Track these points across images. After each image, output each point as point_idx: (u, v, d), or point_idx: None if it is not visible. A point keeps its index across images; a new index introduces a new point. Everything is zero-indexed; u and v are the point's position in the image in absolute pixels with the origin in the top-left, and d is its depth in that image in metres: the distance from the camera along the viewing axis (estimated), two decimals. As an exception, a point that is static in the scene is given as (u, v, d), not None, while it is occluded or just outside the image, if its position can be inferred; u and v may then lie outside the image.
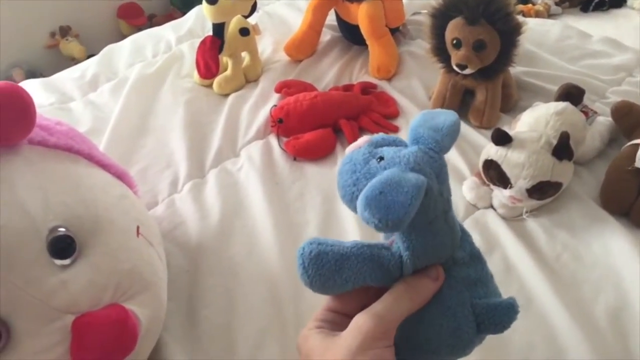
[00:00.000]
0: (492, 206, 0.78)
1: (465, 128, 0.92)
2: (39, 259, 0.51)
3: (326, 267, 0.41)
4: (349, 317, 0.42)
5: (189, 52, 1.15)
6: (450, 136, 0.43)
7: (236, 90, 1.05)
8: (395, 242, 0.42)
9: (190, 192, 0.84)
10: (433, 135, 0.43)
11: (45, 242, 0.52)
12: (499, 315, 0.43)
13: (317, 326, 0.43)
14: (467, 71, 0.86)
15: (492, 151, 0.73)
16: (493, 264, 0.70)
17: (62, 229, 0.54)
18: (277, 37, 1.20)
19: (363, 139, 0.45)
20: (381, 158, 0.41)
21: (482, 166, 0.75)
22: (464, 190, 0.80)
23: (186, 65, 1.12)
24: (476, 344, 0.44)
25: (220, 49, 1.01)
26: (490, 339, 0.62)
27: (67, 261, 0.53)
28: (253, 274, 0.72)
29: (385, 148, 0.43)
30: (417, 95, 1.01)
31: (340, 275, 0.41)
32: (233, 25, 1.03)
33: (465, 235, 0.46)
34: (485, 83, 0.90)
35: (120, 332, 0.52)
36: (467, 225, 0.77)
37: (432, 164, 0.41)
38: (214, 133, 0.95)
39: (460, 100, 0.95)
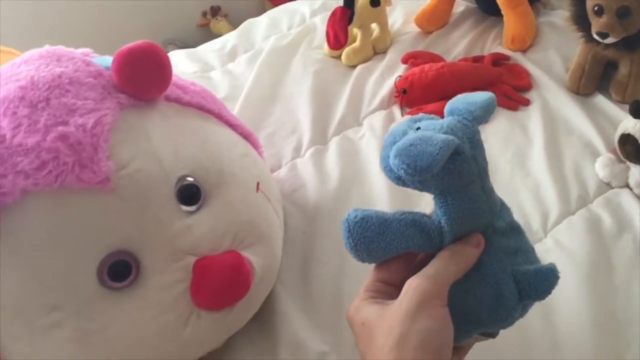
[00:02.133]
0: (628, 185, 0.72)
1: (604, 102, 0.86)
2: (168, 203, 0.56)
3: (370, 230, 0.43)
4: (397, 287, 0.42)
5: (322, 24, 1.17)
6: (484, 109, 0.45)
7: (364, 62, 1.05)
8: (435, 210, 0.44)
9: (312, 157, 0.87)
10: (467, 107, 0.44)
11: (174, 189, 0.57)
12: (540, 280, 0.43)
13: (370, 297, 0.44)
14: (609, 40, 0.79)
15: (629, 125, 0.68)
16: (621, 247, 0.66)
17: (190, 178, 0.59)
18: (409, 9, 1.18)
19: (404, 117, 0.46)
20: (418, 128, 0.43)
21: (618, 141, 0.70)
22: (597, 167, 0.75)
23: (318, 38, 1.14)
24: (518, 314, 0.44)
25: (350, 21, 1.02)
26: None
27: (192, 208, 0.58)
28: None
29: (423, 121, 0.44)
30: (553, 68, 0.95)
31: (383, 238, 0.43)
32: (364, -4, 1.04)
33: (504, 208, 0.47)
34: (630, 54, 0.82)
35: (236, 275, 0.56)
36: (598, 204, 0.72)
37: (464, 130, 0.43)
38: (338, 102, 0.97)
39: (600, 73, 0.88)
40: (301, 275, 0.70)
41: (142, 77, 0.59)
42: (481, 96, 0.46)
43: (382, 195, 0.77)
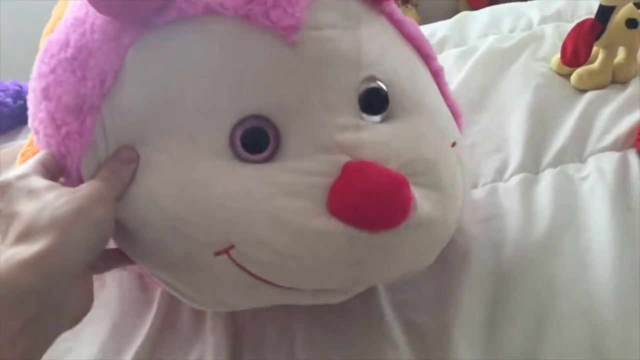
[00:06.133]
0: None
1: None
2: (346, 95, 0.48)
3: None
4: None
5: (552, 34, 1.01)
6: None
7: (597, 88, 0.88)
8: None
9: (519, 186, 0.73)
10: None
11: (359, 86, 0.49)
12: None
13: None
14: None
15: None
16: None
17: (381, 84, 0.50)
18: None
19: None
20: None
21: None
22: None
23: (544, 48, 0.98)
24: None
25: (597, 37, 0.86)
26: None
27: (373, 118, 0.49)
28: (575, 306, 0.58)
29: None
30: None
31: None
32: (622, 13, 0.86)
33: None
34: None
35: (393, 191, 0.44)
36: None
37: None
38: (560, 129, 0.81)
39: None
40: (486, 328, 0.57)
41: None
42: None
43: (603, 256, 0.62)
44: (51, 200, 0.40)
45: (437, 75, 0.61)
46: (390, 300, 0.61)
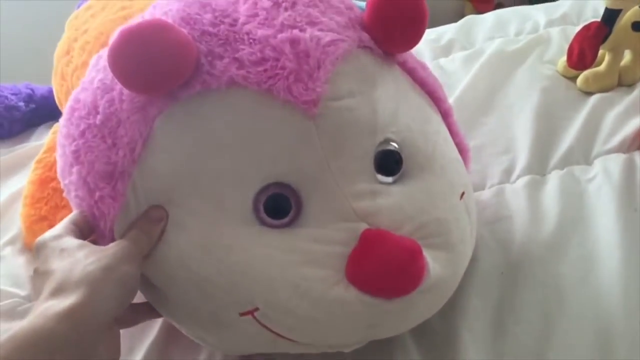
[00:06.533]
0: None
1: None
2: (363, 159, 0.49)
3: None
4: None
5: (558, 37, 1.02)
6: None
7: (603, 91, 0.88)
8: None
9: (526, 187, 0.73)
10: None
11: (375, 149, 0.50)
12: None
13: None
14: None
15: None
16: None
17: (395, 145, 0.51)
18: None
19: None
20: None
21: None
22: None
23: (551, 51, 0.99)
24: None
25: (603, 40, 0.86)
26: None
27: (387, 179, 0.50)
28: (583, 305, 0.59)
29: None
30: None
31: None
32: (628, 16, 0.87)
33: None
34: None
35: (408, 262, 0.46)
36: None
37: None
38: (566, 131, 0.82)
39: None
40: (493, 329, 0.58)
41: (397, 25, 0.53)
42: None
43: (610, 256, 0.62)
44: (82, 258, 0.43)
45: (446, 115, 0.63)
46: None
